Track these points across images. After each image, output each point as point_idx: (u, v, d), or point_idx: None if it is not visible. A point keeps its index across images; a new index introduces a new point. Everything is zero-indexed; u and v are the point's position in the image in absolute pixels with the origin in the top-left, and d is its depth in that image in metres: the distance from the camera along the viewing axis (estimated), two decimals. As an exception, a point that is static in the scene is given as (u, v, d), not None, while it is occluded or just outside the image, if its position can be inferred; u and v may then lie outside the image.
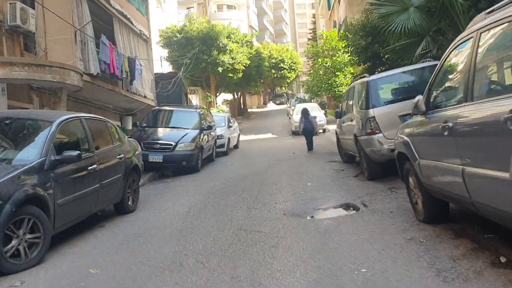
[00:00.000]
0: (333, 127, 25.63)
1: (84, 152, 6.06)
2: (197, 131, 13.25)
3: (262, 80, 46.07)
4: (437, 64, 8.35)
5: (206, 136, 14.09)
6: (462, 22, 9.02)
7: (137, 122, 13.84)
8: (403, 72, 8.37)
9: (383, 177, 8.37)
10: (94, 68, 13.93)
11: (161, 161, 12.06)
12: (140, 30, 19.70)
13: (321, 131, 24.35)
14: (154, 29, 27.53)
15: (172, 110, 14.44)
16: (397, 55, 11.11)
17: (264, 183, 9.40)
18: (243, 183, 9.67)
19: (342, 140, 10.85)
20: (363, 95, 8.46)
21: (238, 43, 29.59)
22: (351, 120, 9.15)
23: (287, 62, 53.36)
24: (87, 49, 13.89)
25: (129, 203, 7.50)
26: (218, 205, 7.42)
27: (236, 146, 19.88)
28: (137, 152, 8.03)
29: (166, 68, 26.57)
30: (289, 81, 56.83)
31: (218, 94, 34.64)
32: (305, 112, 16.28)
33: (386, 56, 13.78)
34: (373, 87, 8.15)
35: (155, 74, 21.44)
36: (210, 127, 14.15)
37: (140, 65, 17.85)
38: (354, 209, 6.39)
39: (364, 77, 8.83)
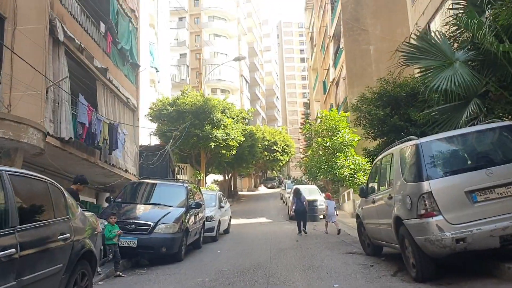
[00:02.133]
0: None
1: (-4, 227, 3.69)
2: (183, 209, 10.84)
3: (254, 162, 44.23)
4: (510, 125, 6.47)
5: (193, 217, 11.65)
6: (522, 80, 7.22)
7: (111, 197, 11.42)
8: (466, 134, 6.27)
9: (438, 278, 6.00)
10: (66, 132, 11.80)
11: (135, 246, 9.51)
12: (127, 98, 17.94)
13: (321, 216, 21.98)
14: (144, 104, 26.00)
15: (154, 184, 12.08)
16: (432, 124, 9.17)
17: (271, 281, 6.88)
18: (242, 280, 7.13)
19: (369, 225, 8.49)
20: (410, 163, 6.31)
21: (233, 118, 27.99)
22: (389, 198, 6.89)
23: (280, 145, 52.02)
24: (61, 110, 11.87)
25: (75, 310, 4.94)
26: (209, 318, 4.89)
27: (226, 231, 17.28)
28: (95, 232, 5.58)
29: (154, 143, 24.55)
30: (281, 164, 55.09)
31: (208, 172, 32.51)
32: (297, 192, 15.94)
33: (409, 130, 11.90)
34: (426, 152, 6.01)
35: (140, 146, 19.33)
36: (199, 205, 11.73)
37: (123, 134, 15.79)
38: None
39: (409, 140, 6.73)
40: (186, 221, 10.79)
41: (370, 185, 8.59)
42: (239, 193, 46.79)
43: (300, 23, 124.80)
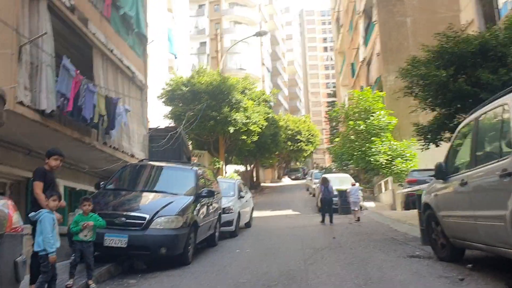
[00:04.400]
0: (370, 205, 20.61)
1: None
2: (190, 198, 8.43)
3: (277, 152, 41.66)
4: None
5: (204, 208, 9.23)
6: None
7: (101, 182, 9.09)
8: None
9: None
10: (47, 103, 9.48)
11: (125, 245, 7.16)
12: (132, 73, 15.61)
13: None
14: (157, 85, 23.75)
15: (155, 167, 9.72)
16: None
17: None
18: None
19: (451, 219, 5.87)
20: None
21: (254, 100, 25.39)
22: (502, 175, 4.29)
23: (304, 135, 49.30)
24: (40, 76, 9.53)
25: None
26: None
27: (248, 224, 14.88)
28: None
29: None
30: (306, 154, 52.35)
31: (229, 162, 30.15)
32: (324, 180, 15.21)
33: (479, 96, 9.20)
34: None
35: (149, 129, 17.03)
36: (211, 193, 9.29)
37: (125, 110, 13.46)
38: None
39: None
40: (194, 213, 8.39)
41: (453, 161, 5.97)
42: (262, 184, 44.40)
43: (322, 11, 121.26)
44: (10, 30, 8.69)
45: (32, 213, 5.13)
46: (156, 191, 8.63)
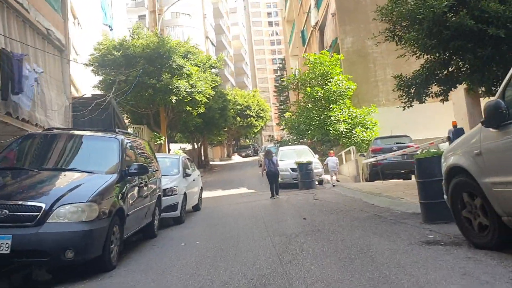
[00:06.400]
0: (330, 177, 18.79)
1: None
2: (112, 177, 5.98)
3: (226, 128, 39.27)
4: None
5: (135, 190, 6.80)
6: None
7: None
8: None
9: None
10: None
11: (7, 251, 4.66)
12: (47, 29, 12.62)
13: (316, 182, 17.47)
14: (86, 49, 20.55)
15: (65, 137, 7.12)
16: None
17: None
18: None
19: (510, 189, 3.83)
20: None
21: (199, 66, 22.64)
22: None
23: (254, 109, 47.23)
24: None
25: None
26: None
27: (196, 208, 12.56)
28: None
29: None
30: (256, 130, 50.40)
31: (173, 139, 27.38)
32: (268, 153, 14.98)
33: (486, 33, 7.28)
34: None
35: (72, 98, 14.14)
36: (143, 170, 6.83)
37: (35, 72, 10.57)
38: None
39: None
40: (119, 197, 5.96)
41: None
42: (211, 163, 42.00)
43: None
44: None
45: None
46: (63, 169, 6.11)
